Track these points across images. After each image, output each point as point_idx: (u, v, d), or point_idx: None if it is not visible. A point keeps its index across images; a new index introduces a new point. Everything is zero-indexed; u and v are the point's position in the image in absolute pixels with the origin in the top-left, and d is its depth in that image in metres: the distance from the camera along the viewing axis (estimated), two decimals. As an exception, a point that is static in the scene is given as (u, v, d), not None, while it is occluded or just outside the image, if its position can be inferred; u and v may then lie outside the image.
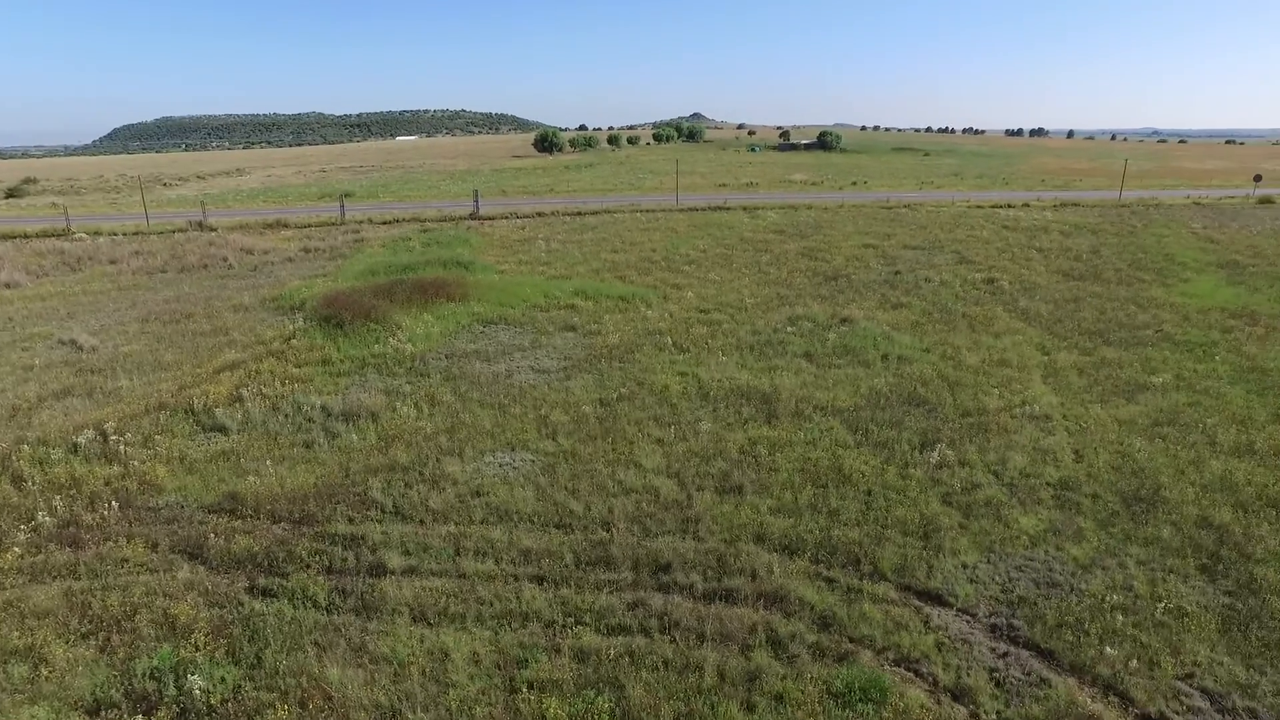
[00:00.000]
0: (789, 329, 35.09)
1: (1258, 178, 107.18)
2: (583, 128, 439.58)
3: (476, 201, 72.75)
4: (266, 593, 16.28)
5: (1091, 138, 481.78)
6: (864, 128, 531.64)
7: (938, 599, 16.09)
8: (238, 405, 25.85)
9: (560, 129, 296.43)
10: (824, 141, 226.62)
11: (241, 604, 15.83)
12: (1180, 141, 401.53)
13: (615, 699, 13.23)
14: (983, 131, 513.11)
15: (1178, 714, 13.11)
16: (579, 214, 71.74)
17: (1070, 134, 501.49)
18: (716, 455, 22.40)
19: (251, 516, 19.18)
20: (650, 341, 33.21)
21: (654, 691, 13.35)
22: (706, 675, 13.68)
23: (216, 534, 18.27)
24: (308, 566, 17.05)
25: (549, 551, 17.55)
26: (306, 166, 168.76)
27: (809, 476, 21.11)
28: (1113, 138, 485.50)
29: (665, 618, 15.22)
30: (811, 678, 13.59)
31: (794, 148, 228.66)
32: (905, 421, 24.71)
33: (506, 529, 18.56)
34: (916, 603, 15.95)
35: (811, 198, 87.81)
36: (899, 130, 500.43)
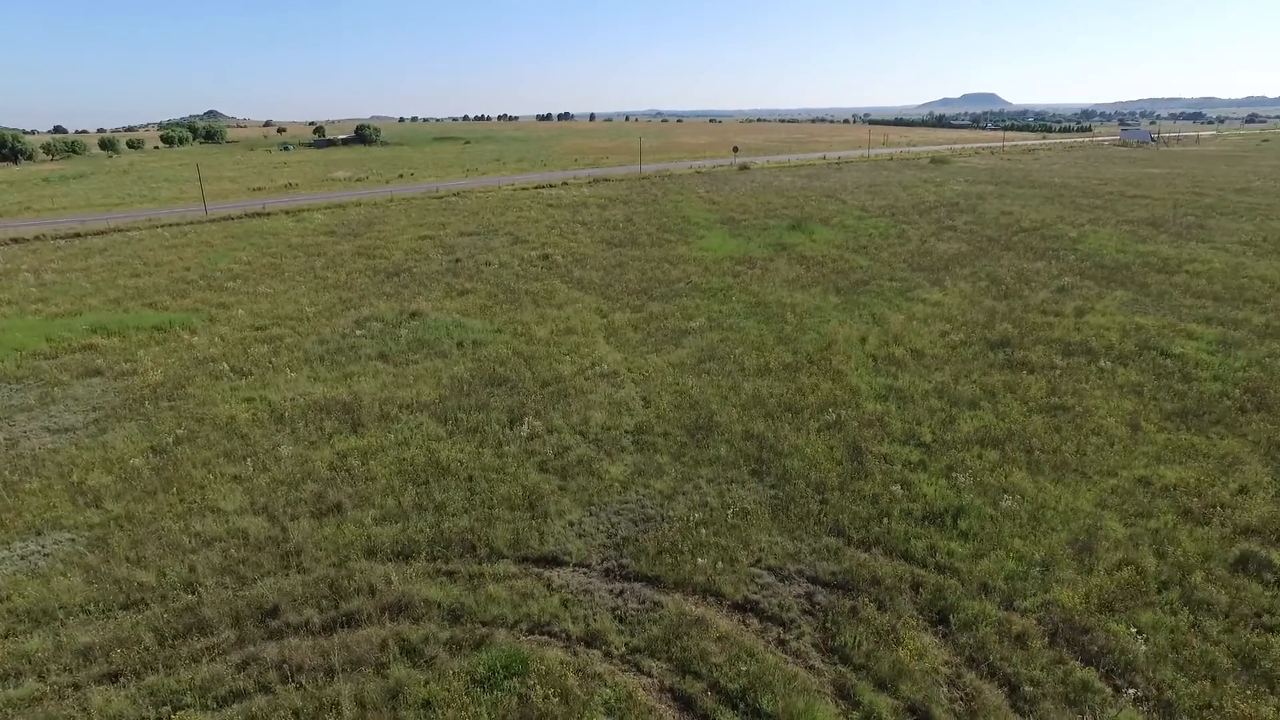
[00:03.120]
0: (358, 332, 33.69)
1: (735, 149, 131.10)
2: (59, 130, 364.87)
3: (-79, 234, 56.58)
4: None
5: (610, 119, 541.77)
6: (403, 119, 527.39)
7: (555, 561, 16.94)
8: None
9: (25, 132, 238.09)
10: (363, 135, 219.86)
11: None
12: (678, 121, 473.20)
13: (240, 777, 11.61)
14: (517, 118, 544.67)
15: (755, 594, 15.71)
16: (78, 235, 60.08)
17: (592, 117, 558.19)
18: (305, 478, 20.70)
19: None
20: (203, 371, 29.32)
21: (285, 751, 11.99)
22: (345, 710, 12.68)
23: None
24: None
25: (120, 639, 14.59)
26: None
27: (408, 477, 20.61)
28: (626, 119, 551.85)
29: (285, 666, 13.71)
30: (454, 673, 13.40)
31: (331, 144, 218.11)
32: (491, 403, 25.38)
33: (50, 633, 14.96)
34: (536, 570, 16.60)
35: (359, 194, 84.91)
36: (438, 120, 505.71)
